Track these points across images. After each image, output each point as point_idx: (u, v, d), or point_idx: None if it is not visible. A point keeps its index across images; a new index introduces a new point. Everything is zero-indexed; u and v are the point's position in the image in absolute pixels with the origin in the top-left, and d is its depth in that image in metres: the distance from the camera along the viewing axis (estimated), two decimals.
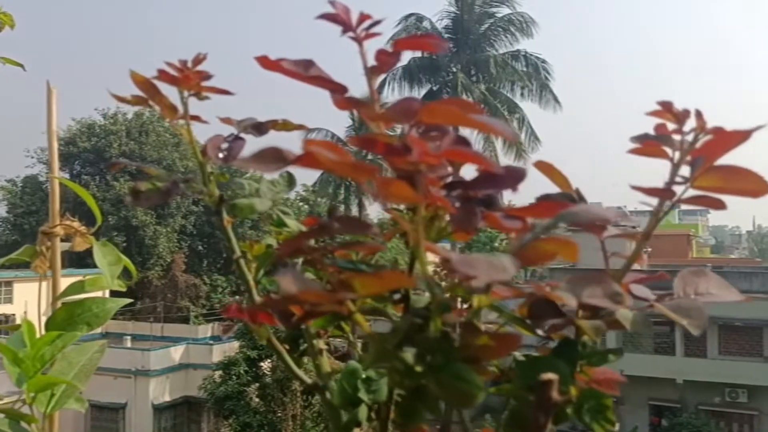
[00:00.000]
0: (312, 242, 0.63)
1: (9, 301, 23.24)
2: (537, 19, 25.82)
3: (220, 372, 18.36)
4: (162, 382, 20.79)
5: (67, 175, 28.86)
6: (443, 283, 0.57)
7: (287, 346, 0.78)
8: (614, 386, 0.61)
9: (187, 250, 32.44)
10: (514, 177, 0.55)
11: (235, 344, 19.05)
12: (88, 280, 1.16)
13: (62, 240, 1.19)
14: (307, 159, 0.53)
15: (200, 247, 33.56)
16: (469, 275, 0.48)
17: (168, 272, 30.77)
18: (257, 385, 17.78)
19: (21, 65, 2.09)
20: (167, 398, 20.88)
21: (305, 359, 0.77)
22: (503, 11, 26.19)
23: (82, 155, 31.30)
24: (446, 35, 26.06)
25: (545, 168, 0.71)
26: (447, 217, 0.57)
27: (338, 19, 0.62)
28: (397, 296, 0.59)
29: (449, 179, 0.57)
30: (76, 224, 1.18)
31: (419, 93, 25.91)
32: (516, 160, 25.52)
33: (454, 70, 25.57)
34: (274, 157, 0.55)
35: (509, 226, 0.55)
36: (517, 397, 0.58)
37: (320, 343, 0.78)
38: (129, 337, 23.48)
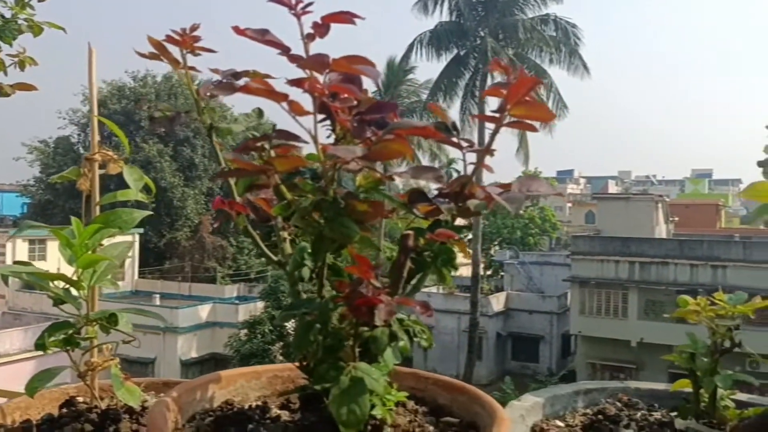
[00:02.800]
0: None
1: (43, 258, 23.79)
2: None
3: (246, 330, 18.71)
4: (189, 339, 21.27)
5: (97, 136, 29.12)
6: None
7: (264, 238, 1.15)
8: (447, 237, 0.96)
9: (215, 212, 32.83)
10: (389, 107, 0.96)
11: (260, 304, 19.34)
12: (120, 192, 1.48)
13: (100, 167, 1.50)
14: (245, 88, 0.94)
15: None
16: (335, 155, 0.87)
17: (196, 233, 31.15)
18: (281, 343, 18.09)
19: (63, 29, 2.17)
20: (194, 354, 21.38)
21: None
22: None
23: (112, 117, 31.48)
24: None
25: (433, 108, 1.05)
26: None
27: (282, 2, 0.93)
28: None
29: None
30: (111, 153, 1.50)
31: (446, 58, 25.45)
32: (541, 126, 25.01)
33: (482, 34, 24.98)
34: (228, 87, 0.98)
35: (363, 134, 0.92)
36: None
37: (284, 234, 1.15)
38: (158, 295, 23.96)
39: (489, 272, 34.23)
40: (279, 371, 1.26)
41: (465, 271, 26.22)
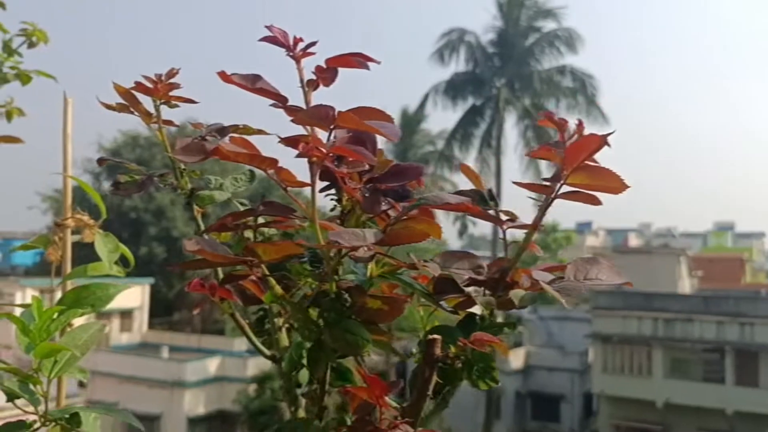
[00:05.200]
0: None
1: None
2: (585, 35, 25.32)
3: (255, 386, 18.26)
4: (197, 393, 20.79)
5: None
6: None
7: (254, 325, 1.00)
8: (487, 344, 0.73)
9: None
10: (414, 172, 0.76)
11: None
12: (90, 266, 1.31)
13: (73, 233, 1.34)
14: (217, 152, 0.72)
15: None
16: (338, 242, 0.65)
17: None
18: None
19: (53, 77, 2.04)
20: (202, 410, 20.86)
21: None
22: (549, 26, 25.75)
23: (125, 167, 31.94)
24: (491, 49, 25.74)
25: (466, 170, 0.87)
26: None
27: (277, 41, 0.76)
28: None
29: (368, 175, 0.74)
30: (85, 218, 1.34)
31: (463, 107, 25.62)
32: None
33: (498, 84, 25.18)
34: (197, 149, 0.76)
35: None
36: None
37: (280, 322, 0.98)
38: (166, 347, 23.62)
39: (506, 328, 33.52)
40: None
41: None
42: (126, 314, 25.90)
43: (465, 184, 0.86)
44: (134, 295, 25.67)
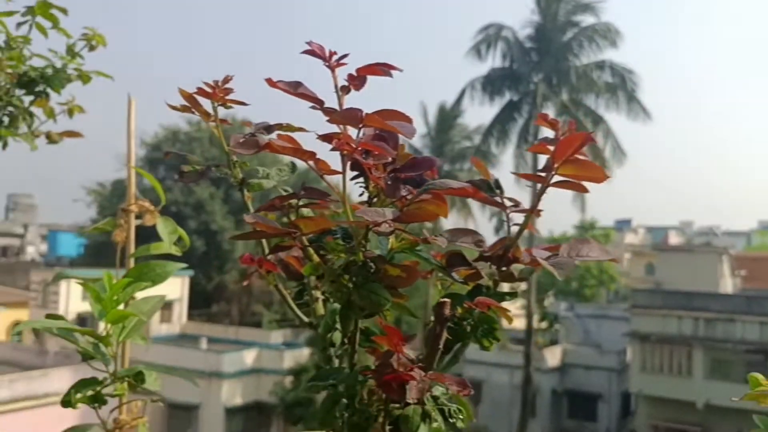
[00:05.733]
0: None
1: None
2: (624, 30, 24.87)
3: (291, 378, 18.59)
4: (234, 385, 21.25)
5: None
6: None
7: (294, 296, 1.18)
8: (488, 307, 0.87)
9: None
10: (427, 164, 0.88)
11: (306, 351, 19.25)
12: (153, 245, 1.47)
13: (136, 217, 1.50)
14: (269, 146, 0.88)
15: None
16: (362, 219, 0.78)
17: (244, 277, 31.59)
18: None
19: (110, 77, 2.23)
20: (239, 401, 21.32)
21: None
22: (588, 20, 25.41)
23: (167, 161, 32.79)
24: (528, 45, 25.53)
25: (476, 162, 1.00)
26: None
27: (315, 53, 0.89)
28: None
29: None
30: (147, 204, 1.50)
31: (499, 103, 25.49)
32: None
33: (536, 80, 24.99)
34: (251, 144, 0.91)
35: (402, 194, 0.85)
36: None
37: (317, 293, 1.15)
38: (205, 339, 24.18)
39: (543, 325, 33.28)
40: None
41: (518, 324, 25.53)
42: (166, 306, 26.61)
43: (503, 178, 0.99)
44: (174, 287, 26.34)
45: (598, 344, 28.67)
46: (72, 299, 23.97)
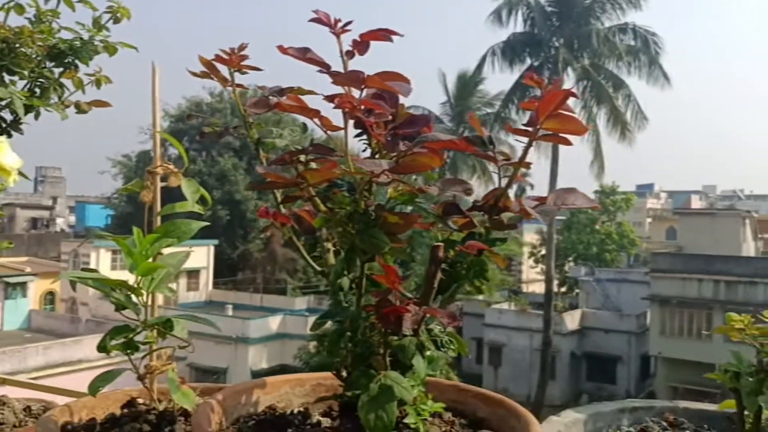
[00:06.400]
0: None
1: (124, 268, 25.04)
2: None
3: (315, 343, 18.92)
4: (260, 350, 21.76)
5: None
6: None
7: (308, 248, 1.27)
8: (478, 249, 0.98)
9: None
10: (423, 121, 0.99)
11: None
12: (178, 204, 1.53)
13: (162, 179, 1.57)
14: (278, 105, 0.98)
15: None
16: (362, 168, 0.89)
17: (267, 245, 31.96)
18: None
19: (135, 48, 2.31)
20: (265, 365, 21.83)
21: None
22: None
23: (189, 132, 33.01)
24: (549, 8, 25.02)
25: (471, 118, 1.12)
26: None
27: (321, 21, 1.01)
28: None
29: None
30: (171, 166, 1.56)
31: (520, 69, 25.13)
32: (620, 139, 24.31)
33: (557, 45, 24.56)
34: (263, 104, 1.02)
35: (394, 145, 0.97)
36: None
37: (328, 245, 1.24)
38: (230, 306, 24.66)
39: (563, 289, 33.28)
40: (323, 379, 1.28)
41: (538, 288, 25.62)
42: (192, 274, 27.11)
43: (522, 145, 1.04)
44: (200, 256, 26.79)
45: (618, 308, 28.65)
46: (102, 268, 24.55)
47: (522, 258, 35.46)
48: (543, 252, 30.13)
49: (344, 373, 1.05)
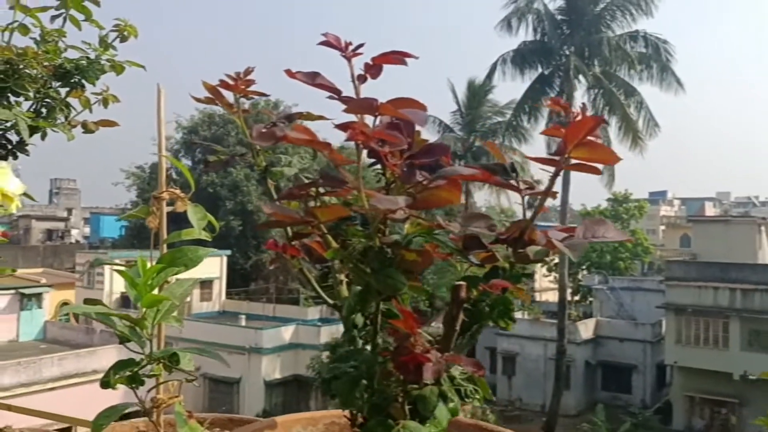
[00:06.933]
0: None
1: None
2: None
3: (328, 353, 18.87)
4: (273, 360, 21.70)
5: (189, 162, 30.73)
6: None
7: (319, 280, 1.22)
8: (500, 287, 0.91)
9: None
10: (441, 150, 0.90)
11: (342, 327, 19.46)
12: (184, 231, 1.50)
13: (168, 204, 1.52)
14: (285, 138, 0.89)
15: None
16: (376, 206, 0.82)
17: (280, 256, 31.96)
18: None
19: (143, 66, 2.28)
20: (278, 375, 21.78)
21: None
22: None
23: (203, 140, 33.23)
24: (559, 17, 24.96)
25: (490, 146, 1.09)
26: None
27: (332, 45, 0.94)
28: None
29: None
30: (178, 191, 1.51)
31: (530, 77, 25.07)
32: (632, 147, 24.12)
33: (567, 53, 24.46)
34: (270, 136, 0.92)
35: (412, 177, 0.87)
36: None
37: (340, 276, 1.18)
38: (244, 316, 24.66)
39: (577, 298, 33.00)
40: (336, 417, 1.23)
41: (551, 297, 25.42)
42: (206, 284, 27.16)
43: (534, 153, 1.01)
44: (213, 266, 26.85)
45: (632, 317, 28.37)
46: (116, 280, 24.65)
47: (535, 267, 35.26)
48: (556, 260, 29.93)
49: (359, 418, 0.99)
